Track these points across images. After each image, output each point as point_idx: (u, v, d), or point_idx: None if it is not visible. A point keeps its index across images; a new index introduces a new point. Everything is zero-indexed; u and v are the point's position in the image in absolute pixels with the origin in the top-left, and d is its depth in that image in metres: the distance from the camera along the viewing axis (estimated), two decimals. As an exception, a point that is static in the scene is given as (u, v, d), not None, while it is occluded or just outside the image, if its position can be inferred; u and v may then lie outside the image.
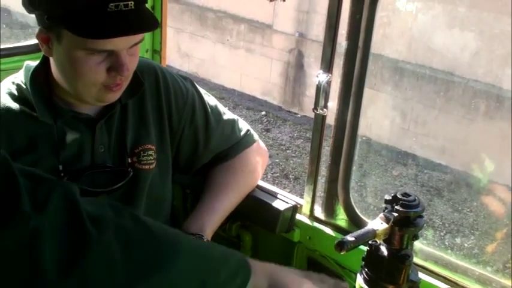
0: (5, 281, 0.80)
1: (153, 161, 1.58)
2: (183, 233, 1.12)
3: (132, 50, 1.38)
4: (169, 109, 1.61)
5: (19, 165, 0.85)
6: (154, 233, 0.96)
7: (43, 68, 1.45)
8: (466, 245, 4.79)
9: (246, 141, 1.75)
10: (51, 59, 1.42)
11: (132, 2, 1.31)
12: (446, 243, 4.78)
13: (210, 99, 1.72)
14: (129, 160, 1.54)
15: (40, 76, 1.45)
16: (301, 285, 1.20)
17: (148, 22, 1.36)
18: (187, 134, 1.66)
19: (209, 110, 1.69)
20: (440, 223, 5.03)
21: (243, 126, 1.77)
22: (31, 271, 0.80)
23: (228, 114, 1.74)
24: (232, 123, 1.74)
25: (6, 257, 0.79)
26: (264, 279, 1.16)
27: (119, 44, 1.33)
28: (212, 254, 1.06)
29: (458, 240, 4.86)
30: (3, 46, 2.05)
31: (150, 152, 1.57)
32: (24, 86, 1.45)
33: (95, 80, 1.36)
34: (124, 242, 0.90)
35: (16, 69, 1.52)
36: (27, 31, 8.08)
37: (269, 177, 5.81)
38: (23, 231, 0.80)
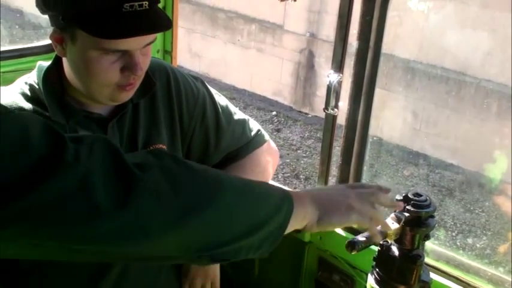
0: (64, 220, 0.85)
1: (164, 160, 1.58)
2: (221, 171, 1.13)
3: (145, 49, 1.39)
4: (180, 109, 1.62)
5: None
6: (197, 171, 1.02)
7: (55, 68, 1.46)
8: (478, 245, 4.77)
9: (257, 141, 1.75)
10: (64, 59, 1.43)
11: (147, 2, 1.32)
12: (458, 243, 4.76)
13: (221, 99, 1.73)
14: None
15: (52, 76, 1.46)
16: (350, 210, 1.18)
17: (162, 22, 1.37)
18: (198, 133, 1.66)
19: (220, 110, 1.69)
20: (452, 223, 5.01)
21: (254, 126, 1.77)
22: (88, 206, 0.86)
23: (238, 114, 1.75)
24: (243, 123, 1.74)
25: (63, 198, 0.84)
26: (311, 208, 1.15)
27: (133, 43, 1.34)
28: (254, 189, 1.08)
29: (470, 240, 4.84)
30: (16, 47, 2.07)
31: (161, 152, 1.57)
32: (37, 86, 1.46)
33: (109, 79, 1.37)
34: (171, 181, 0.95)
35: (29, 70, 1.53)
36: (39, 32, 8.13)
37: (280, 177, 5.81)
38: (74, 175, 0.85)
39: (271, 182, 1.82)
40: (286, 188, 1.21)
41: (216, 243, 1.00)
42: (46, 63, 1.48)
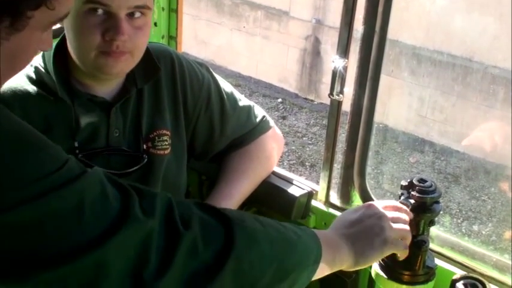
0: (119, 272, 0.89)
1: (167, 146, 1.58)
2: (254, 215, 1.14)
3: (136, 21, 1.37)
4: (185, 95, 1.61)
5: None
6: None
7: (61, 50, 1.45)
8: (483, 232, 4.76)
9: (262, 127, 1.75)
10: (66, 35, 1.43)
11: None
12: (464, 230, 4.76)
13: (226, 86, 1.72)
14: (144, 145, 1.55)
15: (59, 58, 1.45)
16: (384, 246, 1.19)
17: None
18: (203, 119, 1.66)
19: (225, 96, 1.69)
20: (458, 210, 5.00)
21: (259, 112, 1.77)
22: (141, 263, 0.90)
23: (243, 101, 1.74)
24: (248, 109, 1.74)
25: (124, 251, 0.89)
26: (346, 254, 1.16)
27: (118, 1, 1.32)
28: (286, 236, 1.09)
29: (475, 227, 4.83)
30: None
31: (165, 137, 1.57)
32: (43, 70, 1.46)
33: (91, 42, 1.35)
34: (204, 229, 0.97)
35: (34, 54, 1.53)
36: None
37: (285, 164, 5.81)
38: (140, 232, 0.91)
39: (275, 168, 1.82)
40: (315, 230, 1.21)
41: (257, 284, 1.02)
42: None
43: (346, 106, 1.76)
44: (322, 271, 1.14)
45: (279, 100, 7.43)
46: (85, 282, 0.88)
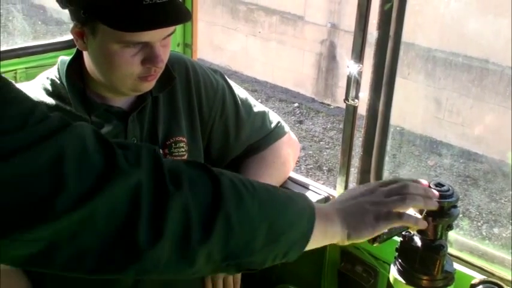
0: (110, 226, 0.87)
1: (184, 152, 1.59)
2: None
3: (165, 41, 1.40)
4: (200, 101, 1.63)
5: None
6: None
7: (77, 63, 1.47)
8: (504, 235, 4.72)
9: (277, 132, 1.75)
10: (85, 53, 1.44)
11: None
12: (484, 233, 4.72)
13: (241, 92, 1.73)
14: (161, 152, 1.56)
15: (74, 71, 1.47)
16: (378, 221, 1.14)
17: (182, 14, 1.38)
18: (218, 126, 1.67)
19: (239, 102, 1.70)
20: (477, 213, 4.96)
21: (274, 118, 1.77)
22: (133, 218, 0.88)
23: (258, 107, 1.75)
24: (263, 115, 1.74)
25: (115, 207, 0.87)
26: (340, 227, 1.14)
27: (154, 36, 1.35)
28: (277, 197, 1.08)
29: (496, 230, 4.79)
30: (39, 43, 2.09)
31: (181, 144, 1.59)
32: (59, 81, 1.48)
33: (131, 72, 1.38)
34: (192, 187, 0.96)
35: (52, 65, 1.55)
36: (62, 27, 8.20)
37: (303, 169, 5.80)
38: (127, 187, 0.88)
39: (292, 173, 1.82)
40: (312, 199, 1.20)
41: (242, 252, 1.00)
42: (68, 58, 1.49)
43: (362, 110, 1.76)
44: (315, 242, 1.11)
45: (296, 105, 7.43)
46: (71, 240, 0.86)
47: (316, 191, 1.80)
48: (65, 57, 1.51)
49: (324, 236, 1.12)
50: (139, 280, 1.49)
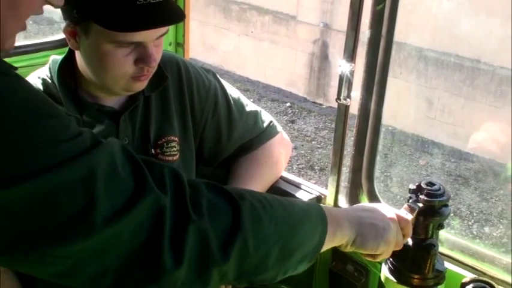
0: (133, 245, 0.88)
1: (176, 152, 1.59)
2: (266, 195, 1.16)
3: (157, 41, 1.40)
4: (192, 101, 1.62)
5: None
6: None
7: (69, 62, 1.47)
8: (494, 234, 4.74)
9: (269, 132, 1.76)
10: (77, 53, 1.44)
11: None
12: (475, 232, 4.74)
13: (233, 91, 1.73)
14: (153, 151, 1.56)
15: (66, 70, 1.47)
16: (383, 245, 1.21)
17: (176, 13, 1.38)
18: (210, 125, 1.67)
19: (232, 101, 1.70)
20: (468, 212, 4.98)
21: (266, 117, 1.77)
22: (155, 240, 0.89)
23: (250, 106, 1.75)
24: (255, 114, 1.74)
25: (140, 227, 0.88)
26: (349, 231, 1.18)
27: (147, 36, 1.35)
28: (293, 214, 1.10)
29: (487, 229, 4.81)
30: (30, 42, 2.08)
31: (173, 144, 1.58)
32: (50, 81, 1.47)
33: (124, 72, 1.38)
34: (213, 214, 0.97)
35: (43, 65, 1.54)
36: (53, 27, 8.17)
37: (294, 168, 5.81)
38: (154, 208, 0.89)
39: (284, 172, 1.83)
40: (321, 205, 1.23)
41: (255, 270, 1.03)
42: (59, 57, 1.49)
43: (354, 109, 1.76)
44: (324, 247, 1.15)
45: (288, 104, 7.43)
46: (96, 258, 0.87)
47: (308, 190, 1.81)
48: (56, 57, 1.50)
49: (332, 241, 1.16)
50: None
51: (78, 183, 0.82)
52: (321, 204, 1.22)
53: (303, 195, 1.77)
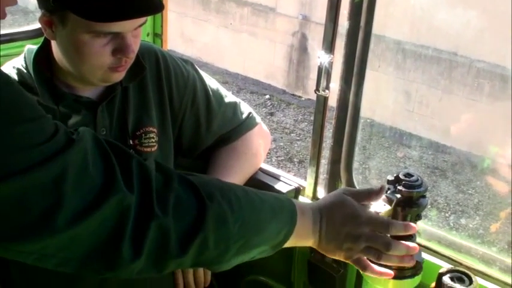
0: (96, 241, 0.91)
1: (154, 143, 1.58)
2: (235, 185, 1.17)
3: (136, 31, 1.38)
4: (170, 92, 1.61)
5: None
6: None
7: (44, 52, 1.44)
8: (471, 225, 4.79)
9: (249, 123, 1.75)
10: (53, 43, 1.41)
11: None
12: (452, 224, 4.79)
13: (212, 82, 1.72)
14: (131, 142, 1.54)
15: (41, 60, 1.44)
16: (346, 252, 1.19)
17: (154, 4, 1.36)
18: (189, 116, 1.66)
19: (210, 92, 1.69)
20: (445, 204, 5.03)
21: (245, 109, 1.77)
22: (117, 236, 0.91)
23: (229, 97, 1.74)
24: (234, 106, 1.74)
25: (103, 224, 0.90)
26: (315, 234, 1.18)
27: (125, 26, 1.33)
28: (262, 214, 1.11)
29: (463, 221, 4.86)
30: (4, 32, 2.04)
31: (151, 135, 1.57)
32: (25, 71, 1.45)
33: (101, 62, 1.36)
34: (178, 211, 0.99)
35: (17, 55, 1.52)
36: (28, 17, 8.06)
37: (273, 160, 5.81)
38: (119, 207, 0.91)
39: (262, 164, 1.82)
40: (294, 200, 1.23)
41: (212, 262, 1.06)
42: (35, 47, 1.46)
43: (333, 102, 1.76)
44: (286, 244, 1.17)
45: (267, 96, 7.43)
46: (59, 252, 0.90)
47: (287, 182, 1.80)
48: (32, 46, 1.47)
49: (296, 242, 1.18)
50: (106, 279, 1.48)
51: (49, 184, 0.84)
52: (299, 201, 1.22)
53: (282, 187, 1.77)
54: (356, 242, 1.17)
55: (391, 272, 1.22)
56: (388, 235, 1.20)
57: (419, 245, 1.27)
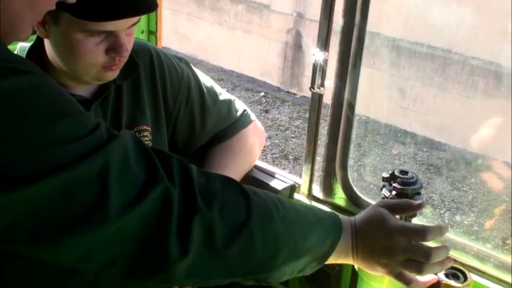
0: (139, 234, 0.91)
1: (148, 141, 1.57)
2: (276, 196, 1.14)
3: (129, 30, 1.38)
4: (165, 90, 1.61)
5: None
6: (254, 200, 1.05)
7: (37, 50, 1.44)
8: (465, 222, 4.81)
9: (243, 121, 1.75)
10: (47, 41, 1.41)
11: None
12: (446, 220, 4.80)
13: (206, 80, 1.71)
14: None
15: (34, 58, 1.43)
16: (384, 267, 1.15)
17: (148, 3, 1.35)
18: (183, 114, 1.65)
19: (205, 90, 1.68)
20: (440, 201, 5.04)
21: (240, 106, 1.76)
22: (162, 231, 0.91)
23: (224, 95, 1.74)
24: (229, 103, 1.73)
25: (146, 216, 0.90)
26: (352, 237, 1.16)
27: (119, 25, 1.33)
28: (307, 218, 1.10)
29: (458, 217, 4.88)
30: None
31: (145, 133, 1.57)
32: (18, 69, 1.44)
33: (94, 61, 1.35)
34: (223, 206, 0.99)
35: (10, 53, 1.51)
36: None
37: (269, 158, 5.81)
38: (163, 199, 0.92)
39: (258, 161, 1.82)
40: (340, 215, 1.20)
41: (262, 267, 1.04)
42: (27, 45, 1.46)
43: (328, 99, 1.76)
44: (331, 259, 1.15)
45: (262, 94, 7.43)
46: (106, 247, 0.90)
47: (282, 179, 1.80)
48: (24, 44, 1.47)
49: (336, 258, 1.15)
50: (99, 277, 1.47)
51: (93, 177, 0.86)
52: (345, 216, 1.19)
53: (277, 184, 1.77)
54: (392, 256, 1.13)
55: (435, 276, 1.20)
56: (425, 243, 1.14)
57: (414, 242, 1.27)
